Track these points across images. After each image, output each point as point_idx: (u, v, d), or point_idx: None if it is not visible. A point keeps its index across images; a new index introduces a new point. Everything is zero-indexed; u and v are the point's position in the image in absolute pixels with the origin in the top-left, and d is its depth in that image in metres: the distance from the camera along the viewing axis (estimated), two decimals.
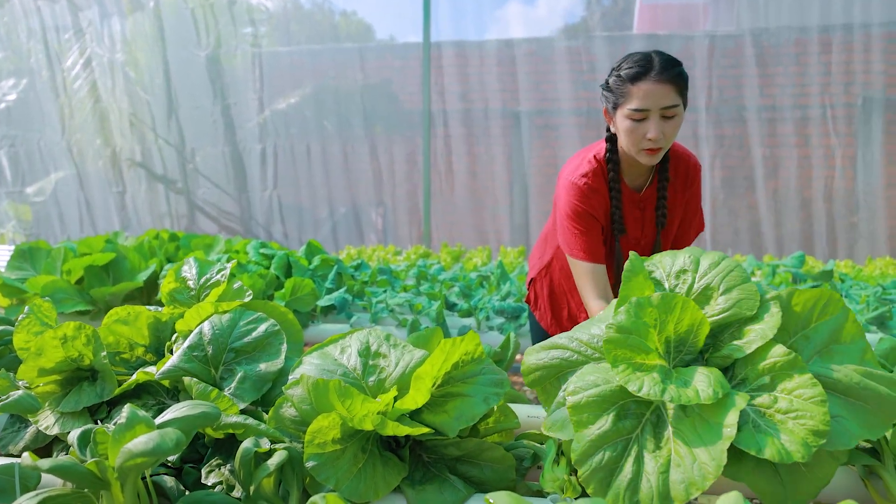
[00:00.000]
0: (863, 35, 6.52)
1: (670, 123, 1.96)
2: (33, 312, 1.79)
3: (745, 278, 1.34)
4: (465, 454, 1.45)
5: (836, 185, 6.76)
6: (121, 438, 1.13)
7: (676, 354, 1.32)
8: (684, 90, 1.99)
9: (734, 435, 1.14)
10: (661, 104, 1.94)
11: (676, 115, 1.96)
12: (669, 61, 1.97)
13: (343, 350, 1.63)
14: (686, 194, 2.24)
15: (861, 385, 1.24)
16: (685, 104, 2.01)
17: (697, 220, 2.32)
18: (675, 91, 1.94)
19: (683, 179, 2.21)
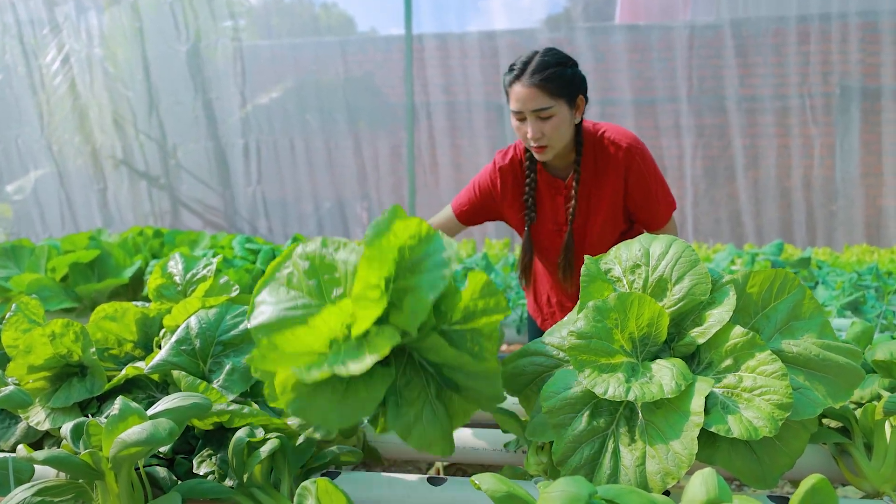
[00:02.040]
0: (840, 25, 6.60)
1: (549, 123, 2.05)
2: (20, 310, 1.80)
3: (694, 262, 1.38)
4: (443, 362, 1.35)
5: (814, 174, 6.86)
6: (114, 429, 1.15)
7: (643, 348, 1.36)
8: (561, 90, 2.05)
9: (702, 421, 1.18)
10: (530, 107, 2.04)
11: (553, 116, 2.05)
12: (543, 64, 2.04)
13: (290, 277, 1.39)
14: (626, 181, 2.23)
15: (820, 357, 1.29)
16: (572, 102, 2.08)
17: (658, 207, 2.29)
18: (544, 94, 2.02)
19: (613, 165, 2.22)
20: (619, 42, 7.01)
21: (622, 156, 2.20)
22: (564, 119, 2.08)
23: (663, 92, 7.00)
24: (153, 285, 2.08)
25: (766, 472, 1.29)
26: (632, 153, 2.20)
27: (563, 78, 2.05)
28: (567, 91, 2.06)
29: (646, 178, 2.23)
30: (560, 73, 2.05)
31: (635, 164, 2.21)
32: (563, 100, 2.06)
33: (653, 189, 2.25)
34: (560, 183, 2.28)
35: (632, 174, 2.22)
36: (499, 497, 1.12)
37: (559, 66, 2.06)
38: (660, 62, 6.98)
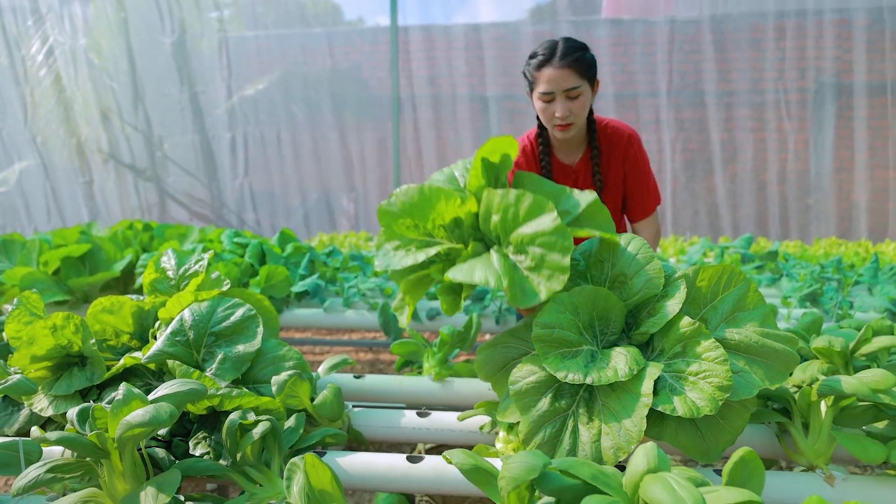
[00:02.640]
0: (817, 22, 6.73)
1: (576, 103, 2.25)
2: (22, 304, 1.91)
3: (650, 259, 1.52)
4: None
5: (790, 169, 7.01)
6: (119, 412, 1.27)
7: (602, 337, 1.49)
8: (586, 72, 2.24)
9: (650, 402, 1.32)
10: (563, 87, 2.23)
11: (580, 95, 2.25)
12: (570, 48, 2.24)
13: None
14: (624, 167, 2.45)
15: (759, 343, 1.43)
16: (592, 83, 2.29)
17: (646, 197, 2.51)
18: (575, 74, 2.22)
19: (616, 151, 2.44)
20: (602, 36, 7.12)
21: (624, 143, 2.43)
22: (588, 98, 2.29)
23: (644, 86, 7.12)
24: (147, 280, 2.19)
25: (710, 448, 1.43)
26: (632, 142, 2.43)
27: (587, 61, 2.26)
28: (590, 73, 2.27)
29: (640, 168, 2.45)
30: (585, 56, 2.25)
31: (632, 152, 2.43)
32: (587, 81, 2.26)
33: (644, 180, 2.47)
34: (569, 168, 2.48)
35: (629, 162, 2.44)
36: (466, 469, 1.26)
37: (582, 50, 2.26)
38: (642, 56, 7.10)
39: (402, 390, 2.18)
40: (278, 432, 1.52)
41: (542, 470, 1.13)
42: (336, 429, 1.77)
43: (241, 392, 1.52)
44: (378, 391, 2.18)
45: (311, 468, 1.24)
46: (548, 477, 1.18)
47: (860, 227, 6.83)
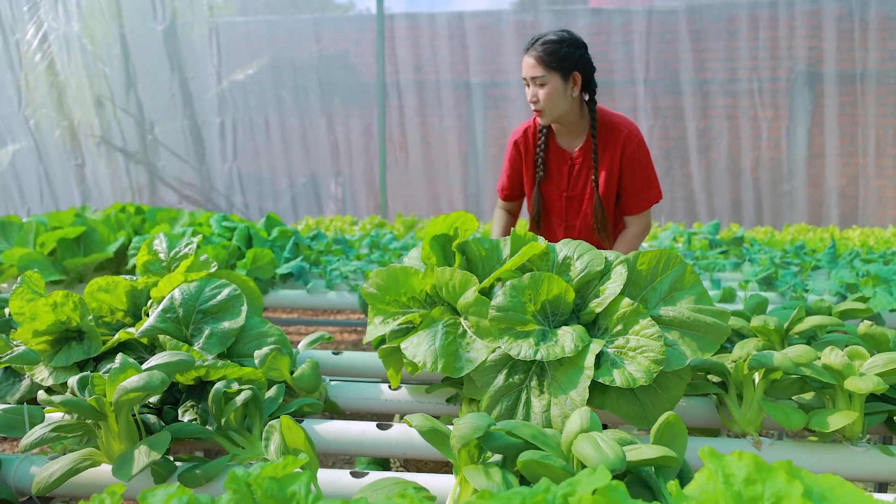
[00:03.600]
0: (794, 11, 6.89)
1: (542, 91, 2.45)
2: (25, 283, 2.05)
3: (590, 248, 1.70)
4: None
5: (767, 156, 7.19)
6: (116, 379, 1.43)
7: (553, 318, 1.66)
8: (554, 63, 2.43)
9: (592, 374, 1.48)
10: (530, 74, 2.45)
11: (546, 84, 2.44)
12: (544, 41, 2.44)
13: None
14: (621, 162, 2.60)
15: (692, 318, 1.59)
16: (565, 75, 2.46)
17: (640, 194, 2.65)
18: (540, 64, 2.42)
19: (613, 145, 2.58)
20: (583, 25, 7.26)
21: (622, 139, 2.57)
22: (557, 89, 2.45)
23: (623, 74, 7.28)
24: (141, 261, 2.35)
25: (649, 414, 1.60)
26: (630, 139, 2.57)
27: (558, 53, 2.43)
28: (561, 65, 2.44)
29: (637, 164, 2.59)
30: (556, 49, 2.43)
31: (630, 149, 2.57)
32: (556, 73, 2.43)
33: (639, 177, 2.61)
34: (567, 154, 2.66)
35: (626, 158, 2.58)
36: (424, 431, 1.42)
37: (559, 43, 2.44)
38: (622, 46, 7.25)
39: (378, 366, 2.33)
40: (259, 400, 1.67)
41: (487, 429, 1.29)
42: (313, 399, 1.93)
43: (225, 363, 1.68)
44: (355, 366, 2.34)
45: (286, 429, 1.40)
46: (493, 436, 1.34)
47: (832, 213, 7.03)
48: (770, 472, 0.95)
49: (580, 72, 2.50)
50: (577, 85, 2.51)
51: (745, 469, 0.96)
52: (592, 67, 2.57)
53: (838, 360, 1.67)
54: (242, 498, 0.99)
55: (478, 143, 7.83)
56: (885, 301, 2.62)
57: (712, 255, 3.89)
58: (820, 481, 0.97)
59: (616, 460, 1.18)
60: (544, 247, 1.76)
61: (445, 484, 1.50)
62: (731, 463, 0.98)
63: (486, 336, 1.65)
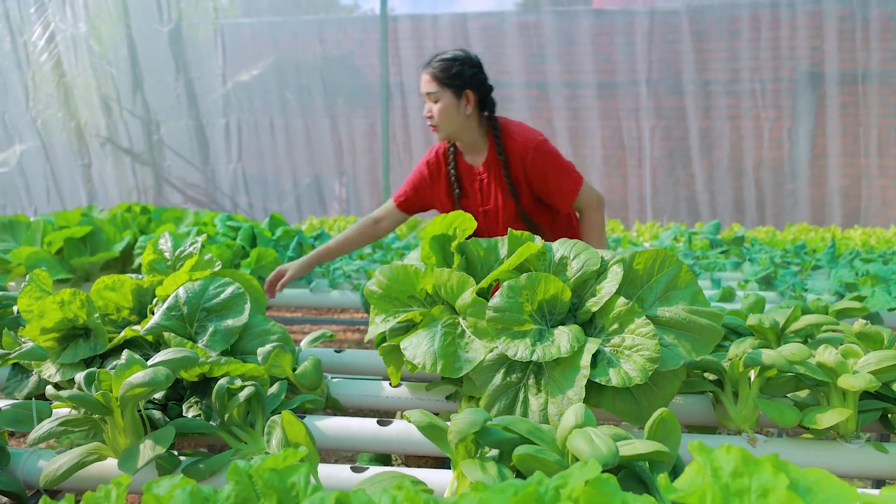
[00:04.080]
0: (796, 12, 6.91)
1: (436, 106, 2.53)
2: (33, 281, 2.09)
3: (587, 247, 1.73)
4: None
5: (769, 157, 7.21)
6: (122, 375, 1.46)
7: (550, 317, 1.68)
8: (447, 80, 2.51)
9: (588, 373, 1.51)
10: (424, 90, 2.55)
11: (439, 100, 2.53)
12: (439, 59, 2.54)
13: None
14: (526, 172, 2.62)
15: (687, 320, 1.62)
16: (458, 93, 2.54)
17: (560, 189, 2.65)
18: (433, 80, 2.51)
19: (514, 158, 2.61)
20: (586, 26, 7.28)
21: (518, 152, 2.60)
22: (448, 105, 2.53)
23: (626, 75, 7.30)
24: (146, 260, 2.38)
25: (644, 412, 1.63)
26: (526, 149, 2.59)
27: (450, 71, 2.51)
28: (452, 82, 2.51)
29: (542, 169, 2.61)
30: (449, 66, 2.52)
31: (529, 158, 2.59)
32: (449, 90, 2.51)
33: (551, 177, 2.63)
34: (475, 170, 2.70)
35: (528, 167, 2.60)
36: (423, 426, 1.45)
37: (452, 61, 2.53)
38: (626, 46, 7.27)
39: (379, 363, 2.36)
40: (262, 396, 1.71)
41: (483, 424, 1.32)
42: (315, 396, 1.96)
43: (228, 360, 1.71)
44: (357, 364, 2.37)
45: (287, 424, 1.43)
46: (490, 432, 1.37)
47: (835, 213, 7.04)
48: (757, 466, 0.97)
49: (473, 90, 2.57)
50: (471, 103, 2.57)
51: (733, 462, 0.99)
52: (487, 86, 2.64)
53: (832, 358, 1.69)
54: (244, 489, 1.02)
55: None
56: (884, 300, 2.64)
57: (713, 254, 3.91)
58: (806, 475, 1.00)
59: (609, 454, 1.20)
60: (541, 246, 1.78)
61: (444, 479, 1.52)
62: (720, 456, 1.00)
63: (484, 336, 1.67)
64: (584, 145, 7.52)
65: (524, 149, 2.59)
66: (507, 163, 2.63)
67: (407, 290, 1.94)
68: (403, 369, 2.14)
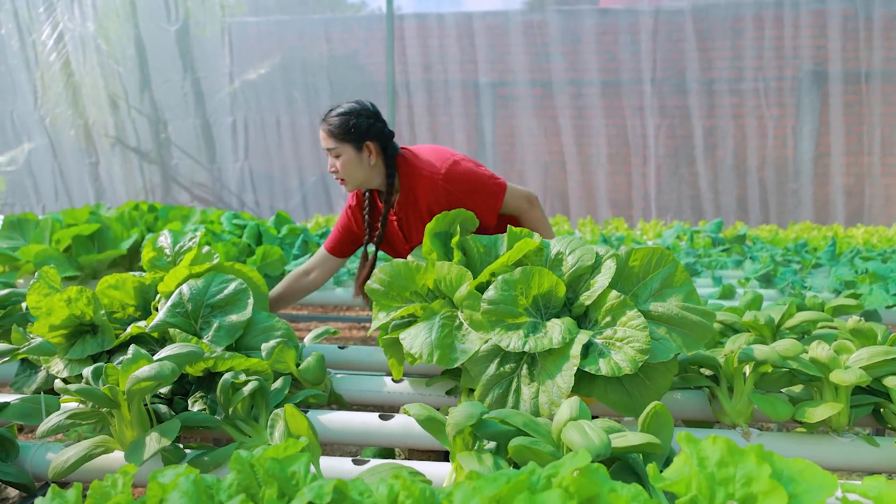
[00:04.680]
0: (800, 11, 6.91)
1: (339, 161, 2.48)
2: (42, 278, 2.13)
3: (583, 243, 1.76)
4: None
5: (773, 155, 7.22)
6: (129, 369, 1.50)
7: (545, 310, 1.72)
8: (344, 136, 2.45)
9: (578, 362, 1.54)
10: (325, 146, 2.50)
11: (340, 155, 2.47)
12: (334, 114, 2.48)
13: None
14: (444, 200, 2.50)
15: (679, 315, 1.65)
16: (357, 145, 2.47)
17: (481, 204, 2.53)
18: (330, 137, 2.46)
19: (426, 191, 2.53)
20: (591, 25, 7.30)
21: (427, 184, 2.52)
22: (351, 159, 2.48)
23: (630, 73, 7.32)
24: (146, 258, 2.43)
25: (636, 404, 1.66)
26: (433, 179, 2.51)
27: (346, 126, 2.45)
28: (350, 137, 2.46)
29: (459, 195, 2.51)
30: (345, 122, 2.46)
31: (440, 189, 2.51)
32: (348, 144, 2.46)
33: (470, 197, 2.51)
34: (392, 210, 2.64)
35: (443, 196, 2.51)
36: (422, 419, 1.49)
37: (347, 115, 2.47)
38: (631, 45, 7.28)
39: (382, 360, 2.40)
40: (266, 391, 1.74)
41: (479, 417, 1.35)
42: (318, 391, 2.00)
43: (233, 355, 1.75)
44: (359, 360, 2.41)
45: (289, 417, 1.46)
46: (487, 424, 1.40)
47: (838, 212, 7.04)
48: (742, 455, 1.01)
49: (372, 140, 2.50)
50: (373, 153, 2.50)
51: (719, 452, 1.02)
52: (387, 133, 2.55)
53: (824, 354, 1.72)
54: (246, 477, 1.06)
55: (486, 142, 7.89)
56: (881, 298, 2.67)
57: (715, 252, 3.93)
58: (790, 465, 1.03)
59: (601, 446, 1.24)
60: (538, 243, 1.82)
61: (443, 471, 1.56)
62: (706, 447, 1.04)
63: (480, 329, 1.71)
64: (588, 143, 7.55)
65: (432, 181, 2.51)
66: (418, 198, 2.56)
67: (408, 285, 1.97)
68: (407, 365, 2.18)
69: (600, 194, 7.61)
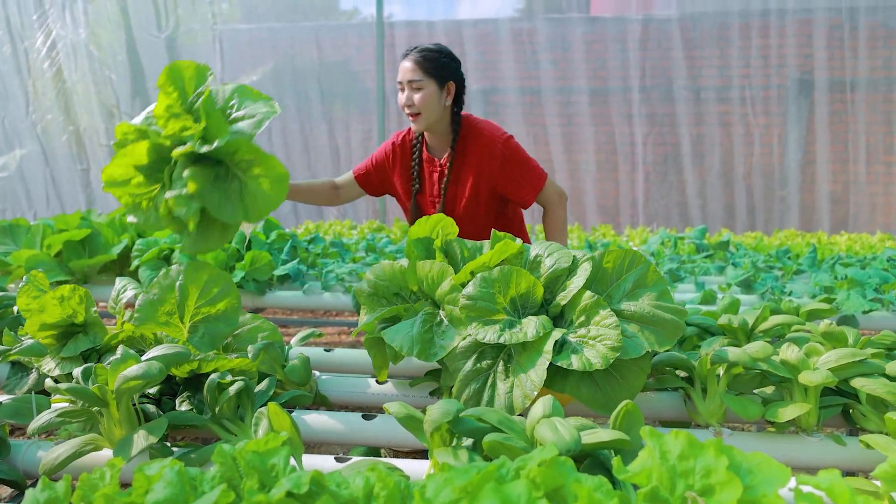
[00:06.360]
0: (786, 20, 7.01)
1: (418, 94, 2.57)
2: (31, 282, 2.17)
3: (560, 247, 1.81)
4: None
5: (760, 163, 7.30)
6: (117, 369, 1.54)
7: (523, 310, 1.77)
8: (433, 70, 2.56)
9: (550, 357, 1.59)
10: (407, 78, 2.57)
11: (423, 89, 2.57)
12: (424, 49, 2.59)
13: None
14: (483, 170, 2.70)
15: (651, 313, 1.70)
16: (441, 83, 2.59)
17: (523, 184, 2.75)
18: (419, 69, 2.55)
19: (478, 153, 2.70)
20: (581, 33, 7.38)
21: (486, 145, 2.68)
22: (431, 94, 2.58)
23: (620, 81, 7.40)
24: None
25: (608, 401, 1.71)
26: (493, 143, 2.68)
27: (436, 61, 2.57)
28: (437, 73, 2.57)
29: (510, 166, 2.69)
30: (435, 57, 2.57)
31: (497, 154, 2.68)
32: (433, 79, 2.56)
33: (517, 172, 2.71)
34: (436, 161, 2.78)
35: (495, 161, 2.68)
36: (401, 417, 1.53)
37: (437, 52, 2.59)
38: (620, 53, 7.37)
39: (367, 362, 2.45)
40: (251, 391, 1.79)
41: (456, 414, 1.40)
42: (303, 391, 2.05)
43: (218, 355, 1.80)
44: (345, 363, 2.46)
45: (273, 415, 1.51)
46: (463, 421, 1.45)
47: (824, 219, 7.13)
48: (701, 449, 1.06)
49: (455, 82, 2.65)
50: (451, 94, 2.65)
51: (680, 446, 1.07)
52: (463, 82, 2.72)
53: (794, 356, 1.78)
54: (228, 469, 1.10)
55: None
56: (858, 303, 2.73)
57: (698, 258, 3.99)
58: (748, 458, 1.08)
59: (571, 442, 1.29)
60: (519, 246, 1.87)
61: (422, 467, 1.61)
62: (668, 441, 1.09)
63: (459, 324, 1.76)
64: (577, 151, 7.62)
65: (491, 145, 2.67)
66: (472, 156, 2.71)
67: (393, 287, 2.02)
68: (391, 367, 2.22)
69: (589, 201, 7.68)
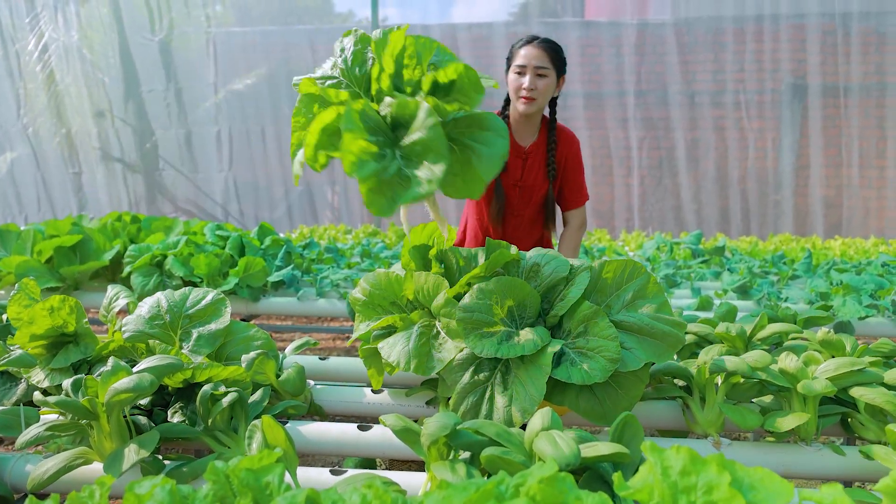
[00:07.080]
0: (780, 25, 7.02)
1: (541, 81, 2.66)
2: (22, 290, 2.14)
3: (557, 256, 1.80)
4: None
5: (754, 167, 7.31)
6: (108, 381, 1.52)
7: (520, 320, 1.75)
8: (557, 60, 2.68)
9: (549, 370, 1.57)
10: (534, 63, 2.65)
11: (546, 77, 2.66)
12: (549, 39, 2.71)
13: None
14: (566, 161, 2.87)
15: (650, 325, 1.69)
16: (559, 74, 2.71)
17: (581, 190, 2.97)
18: (546, 57, 2.65)
19: (563, 146, 2.86)
20: (576, 37, 7.38)
21: (569, 141, 2.86)
22: (552, 83, 2.70)
23: (614, 86, 7.40)
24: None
25: (607, 412, 1.69)
26: (574, 141, 2.88)
27: (559, 53, 2.72)
28: (559, 64, 2.71)
29: (578, 164, 2.90)
30: (559, 49, 2.72)
31: (575, 149, 2.87)
32: (555, 69, 2.69)
33: (580, 175, 2.93)
34: (522, 149, 2.86)
35: (572, 158, 2.87)
36: (398, 430, 1.51)
37: (559, 46, 2.74)
38: (615, 57, 7.36)
39: (362, 370, 2.42)
40: (245, 402, 1.76)
41: (453, 428, 1.38)
42: (298, 401, 2.02)
43: (211, 364, 1.77)
44: (340, 372, 2.43)
45: (267, 428, 1.48)
46: (460, 434, 1.43)
47: (817, 223, 7.14)
48: (703, 465, 1.04)
49: (564, 78, 2.78)
50: (561, 87, 2.79)
51: (682, 462, 1.05)
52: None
53: (793, 365, 1.76)
54: (221, 487, 1.08)
55: None
56: (854, 310, 2.72)
57: (694, 264, 3.98)
58: (750, 473, 1.06)
59: (570, 455, 1.27)
60: (515, 254, 1.85)
61: (419, 481, 1.58)
62: (670, 456, 1.07)
63: (456, 337, 1.74)
64: None
65: (572, 138, 2.87)
66: (558, 147, 2.84)
67: (389, 296, 2.00)
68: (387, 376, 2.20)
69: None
